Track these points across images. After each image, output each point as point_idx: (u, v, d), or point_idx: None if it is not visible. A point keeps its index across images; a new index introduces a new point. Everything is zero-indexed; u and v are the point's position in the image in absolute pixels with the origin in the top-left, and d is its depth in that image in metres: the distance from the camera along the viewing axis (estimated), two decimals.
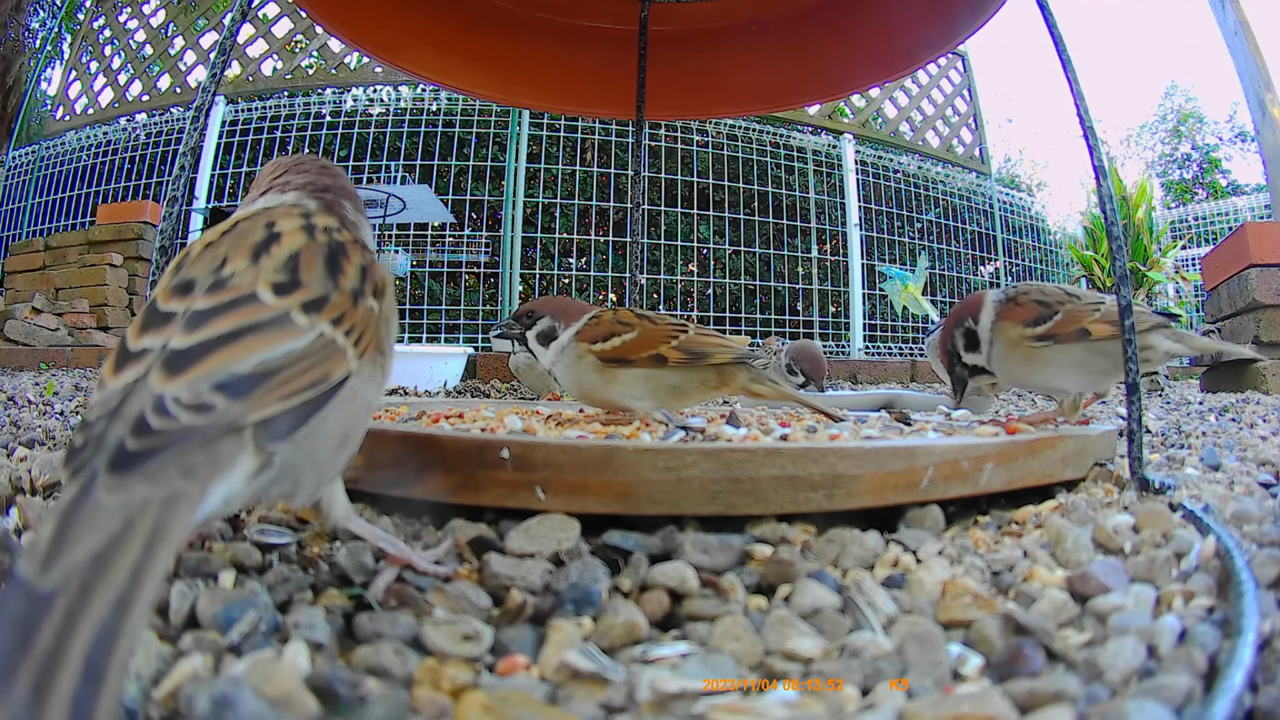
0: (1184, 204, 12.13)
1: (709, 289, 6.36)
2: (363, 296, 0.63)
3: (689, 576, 0.63)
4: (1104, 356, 1.16)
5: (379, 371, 0.65)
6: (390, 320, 0.68)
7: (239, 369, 0.50)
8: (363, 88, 6.32)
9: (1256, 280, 4.12)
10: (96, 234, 5.59)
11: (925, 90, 7.17)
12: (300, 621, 0.54)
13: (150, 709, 0.46)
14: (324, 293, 0.60)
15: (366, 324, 0.62)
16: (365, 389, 0.62)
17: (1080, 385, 1.19)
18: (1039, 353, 1.18)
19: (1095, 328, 1.15)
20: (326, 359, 0.55)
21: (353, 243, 0.68)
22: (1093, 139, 1.00)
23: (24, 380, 3.28)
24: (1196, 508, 0.80)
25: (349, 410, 0.60)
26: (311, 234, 0.65)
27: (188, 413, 0.47)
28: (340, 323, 0.59)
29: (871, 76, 1.93)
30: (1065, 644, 0.54)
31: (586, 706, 0.48)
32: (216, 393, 0.48)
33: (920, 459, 0.80)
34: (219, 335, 0.52)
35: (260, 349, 0.52)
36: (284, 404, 0.51)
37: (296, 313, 0.56)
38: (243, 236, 0.63)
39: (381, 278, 0.68)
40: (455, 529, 0.74)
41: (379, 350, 0.64)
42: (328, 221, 0.69)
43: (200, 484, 0.47)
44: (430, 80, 1.90)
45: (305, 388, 0.53)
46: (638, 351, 1.15)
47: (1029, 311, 1.20)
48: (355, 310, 0.61)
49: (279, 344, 0.53)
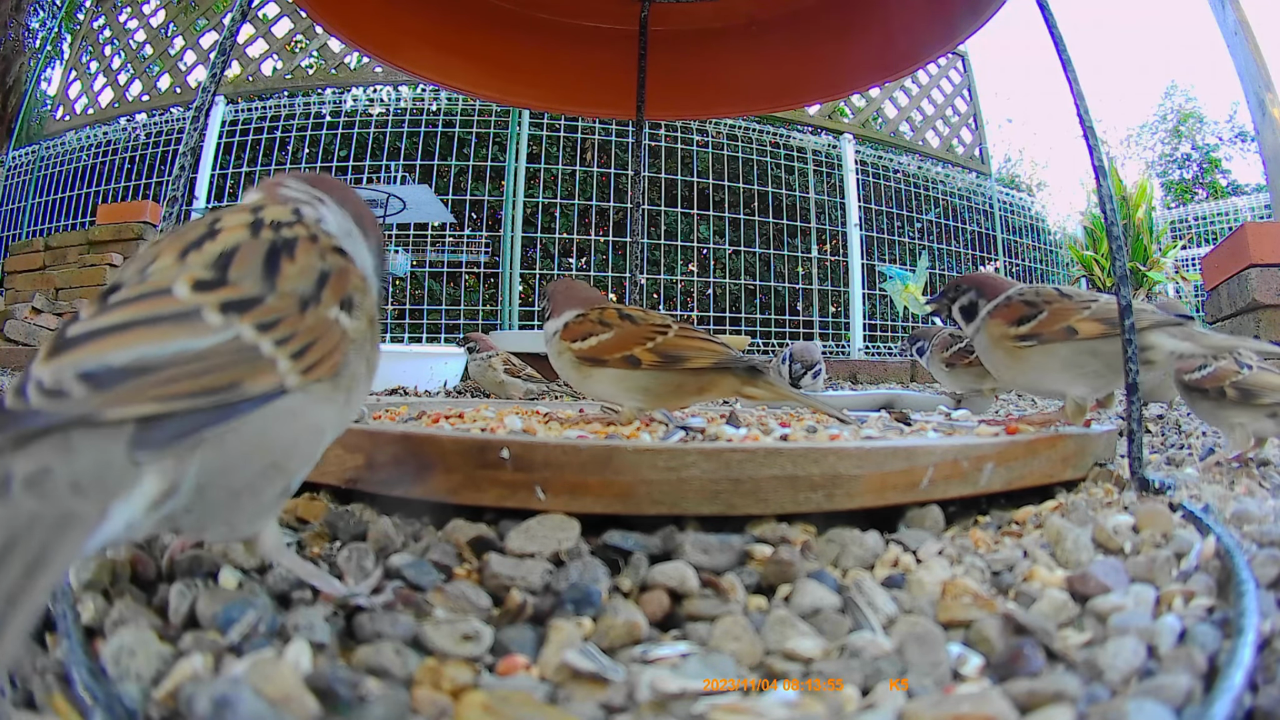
0: (1184, 204, 12.12)
1: (709, 289, 6.36)
2: (316, 304, 0.55)
3: (689, 576, 0.63)
4: (1095, 357, 1.09)
5: (341, 397, 0.57)
6: (365, 345, 0.60)
7: (112, 360, 0.44)
8: (363, 88, 6.32)
9: (1256, 280, 4.12)
10: (96, 234, 5.58)
11: (925, 90, 7.17)
12: (300, 622, 0.54)
13: (150, 709, 0.46)
14: (256, 293, 0.53)
15: (319, 337, 0.54)
16: (313, 412, 0.55)
17: (1074, 388, 1.12)
18: (1023, 352, 1.12)
19: (1083, 326, 1.08)
20: (237, 365, 0.48)
21: (307, 240, 0.59)
22: (1093, 139, 1.00)
23: None
24: (1196, 508, 0.80)
25: (281, 432, 0.52)
26: (256, 230, 0.58)
27: (42, 397, 0.42)
28: (272, 329, 0.51)
29: (871, 76, 1.93)
30: (1065, 644, 0.54)
31: (586, 706, 0.48)
32: (77, 380, 0.43)
33: (920, 459, 0.80)
34: (109, 325, 0.47)
35: (144, 342, 0.46)
36: (160, 406, 0.44)
37: (210, 311, 0.49)
38: (181, 234, 0.57)
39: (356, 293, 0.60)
40: (454, 529, 0.74)
41: (338, 373, 0.56)
42: (279, 215, 0.61)
43: (93, 501, 0.42)
44: (430, 80, 1.90)
45: (196, 393, 0.46)
46: (611, 353, 1.15)
47: (1015, 311, 1.14)
48: (301, 318, 0.53)
49: (171, 340, 0.47)
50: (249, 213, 0.60)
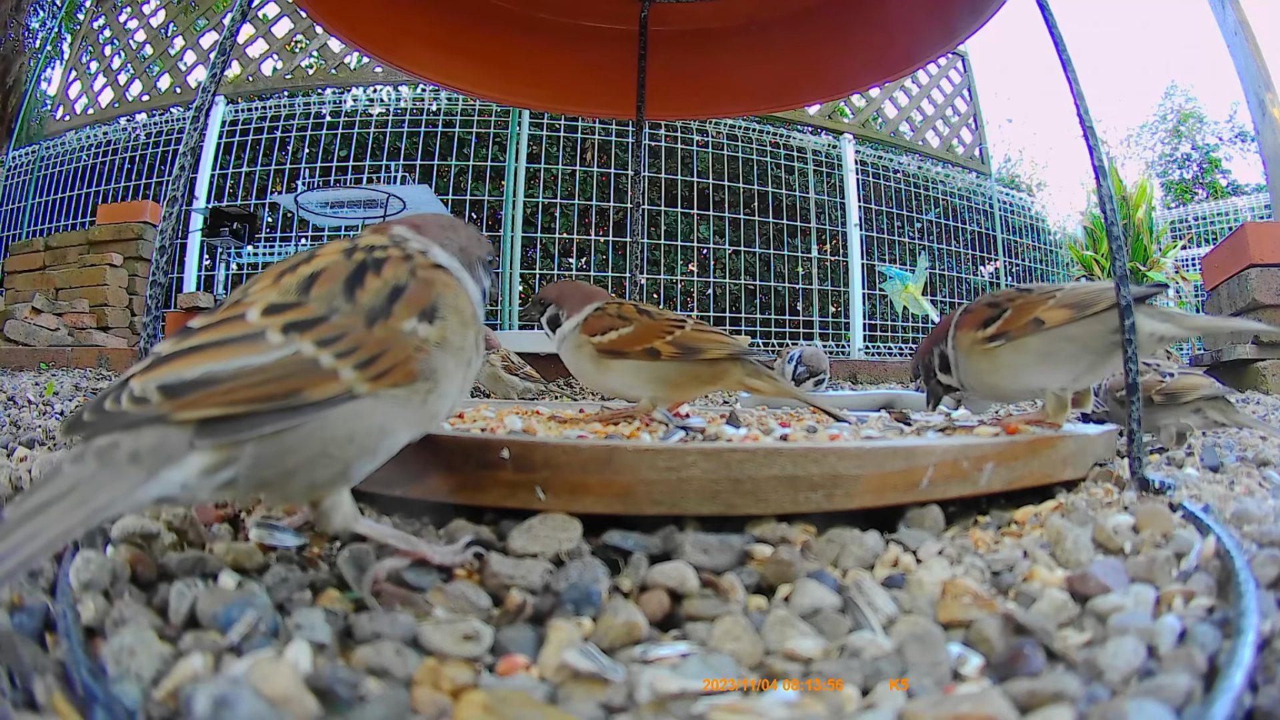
0: (1184, 204, 12.11)
1: (709, 289, 6.36)
2: (385, 318, 0.62)
3: (689, 576, 0.63)
4: (1070, 342, 1.08)
5: (419, 400, 0.64)
6: (452, 344, 0.66)
7: (186, 375, 0.55)
8: (363, 88, 6.32)
9: (1256, 280, 4.13)
10: (96, 234, 5.58)
11: (925, 90, 7.17)
12: (300, 621, 0.54)
13: (150, 709, 0.46)
14: (322, 313, 0.61)
15: (388, 348, 0.61)
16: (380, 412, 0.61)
17: (1058, 380, 1.11)
18: (996, 354, 1.12)
19: (1049, 315, 1.08)
20: (296, 376, 0.57)
21: (400, 259, 0.67)
22: (1093, 139, 1.00)
23: (24, 380, 3.28)
24: (1196, 508, 0.80)
25: (340, 429, 0.60)
26: (349, 254, 0.66)
27: (131, 402, 0.54)
28: (333, 343, 0.59)
29: (871, 76, 1.93)
30: (1065, 644, 0.54)
31: (586, 706, 0.48)
32: (157, 391, 0.54)
33: (920, 459, 0.80)
34: (190, 346, 0.57)
35: (211, 361, 0.56)
36: (223, 409, 0.54)
37: (273, 331, 0.58)
38: (285, 260, 0.67)
39: (440, 299, 0.66)
40: (456, 529, 0.74)
41: (416, 378, 0.63)
42: (374, 241, 0.69)
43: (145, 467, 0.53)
44: (430, 80, 1.90)
45: (256, 399, 0.55)
46: (632, 345, 1.20)
47: (979, 315, 1.15)
48: (369, 332, 0.61)
49: (234, 358, 0.56)
50: (350, 242, 0.69)
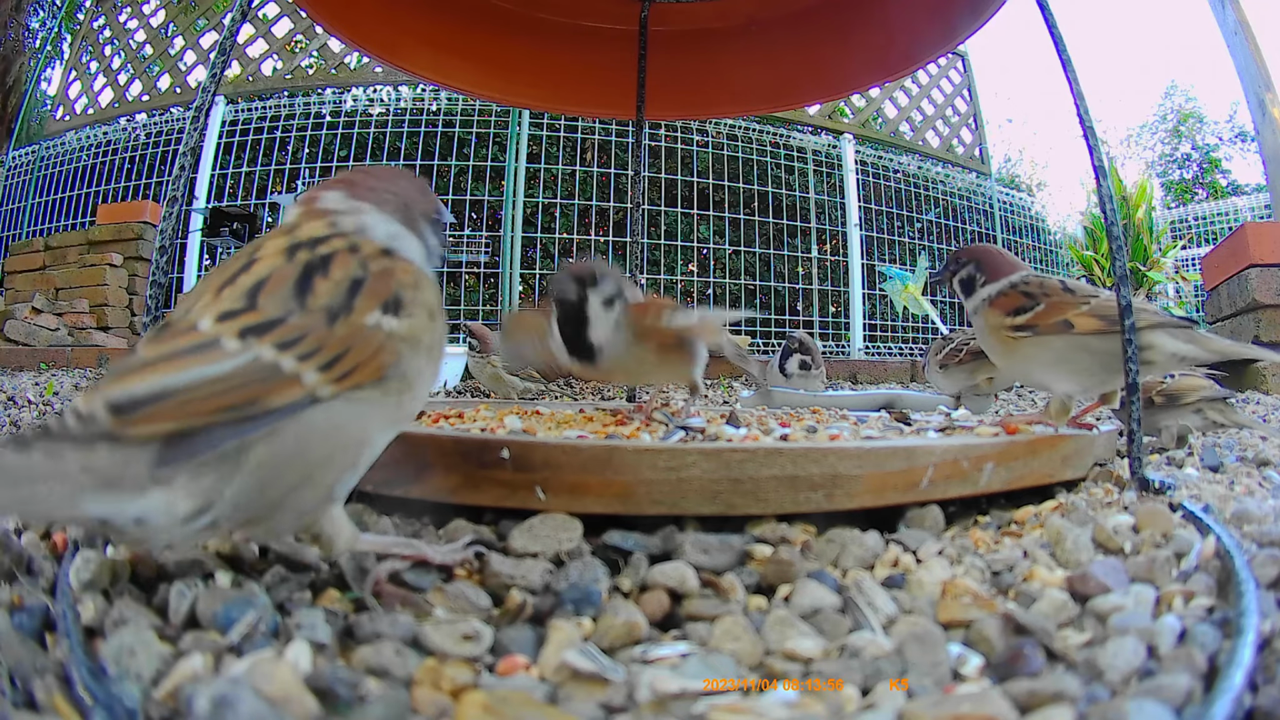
0: (1184, 204, 12.10)
1: (709, 289, 6.35)
2: (347, 314, 0.57)
3: (689, 576, 0.63)
4: (1089, 354, 1.07)
5: (392, 399, 0.59)
6: (421, 340, 0.62)
7: (136, 391, 0.51)
8: (363, 88, 6.31)
9: (1256, 280, 4.12)
10: (96, 234, 5.58)
11: (925, 90, 7.16)
12: (300, 621, 0.54)
13: (150, 709, 0.46)
14: (278, 315, 0.56)
15: (351, 345, 0.56)
16: (354, 415, 0.57)
17: (1061, 384, 1.10)
18: (1017, 344, 1.11)
19: (1080, 321, 1.06)
20: (255, 384, 0.52)
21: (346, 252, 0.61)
22: (1093, 139, 1.00)
23: (24, 380, 3.28)
24: (1196, 508, 0.80)
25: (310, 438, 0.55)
26: (291, 254, 0.61)
27: (76, 421, 0.51)
28: (293, 345, 0.54)
29: (872, 76, 1.93)
30: (1065, 644, 0.54)
31: (586, 706, 0.48)
32: (105, 408, 0.50)
33: (920, 459, 0.80)
34: (141, 361, 0.54)
35: (162, 374, 0.52)
36: (179, 424, 0.50)
37: (229, 338, 0.54)
38: (222, 268, 0.61)
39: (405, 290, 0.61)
40: (456, 529, 0.74)
41: (385, 376, 0.58)
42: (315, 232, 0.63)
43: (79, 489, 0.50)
44: (430, 80, 1.90)
45: (214, 411, 0.51)
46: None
47: (1013, 301, 1.12)
48: (330, 331, 0.56)
49: (188, 369, 0.52)
50: (285, 236, 0.63)
